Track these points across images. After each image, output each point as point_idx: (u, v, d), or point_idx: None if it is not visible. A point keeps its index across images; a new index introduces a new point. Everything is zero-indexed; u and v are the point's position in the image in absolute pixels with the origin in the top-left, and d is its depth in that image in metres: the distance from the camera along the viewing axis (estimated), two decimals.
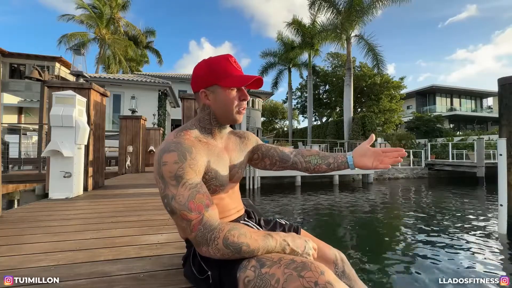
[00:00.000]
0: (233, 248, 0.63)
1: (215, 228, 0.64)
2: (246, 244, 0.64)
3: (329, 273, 0.57)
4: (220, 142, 0.84)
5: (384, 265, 3.06)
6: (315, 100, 23.22)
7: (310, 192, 8.21)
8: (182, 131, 0.76)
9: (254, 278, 0.62)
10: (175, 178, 0.66)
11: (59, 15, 17.13)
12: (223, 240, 0.63)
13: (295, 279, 0.56)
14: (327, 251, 0.86)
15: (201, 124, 0.80)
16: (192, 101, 3.41)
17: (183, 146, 0.69)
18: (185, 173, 0.66)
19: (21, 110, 12.60)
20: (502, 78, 3.77)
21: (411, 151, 13.46)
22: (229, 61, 0.75)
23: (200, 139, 0.77)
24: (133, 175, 5.13)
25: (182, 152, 0.68)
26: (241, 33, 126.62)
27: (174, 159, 0.67)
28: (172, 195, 0.65)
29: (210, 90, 0.76)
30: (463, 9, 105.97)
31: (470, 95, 27.84)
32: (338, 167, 0.90)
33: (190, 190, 0.66)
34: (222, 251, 0.63)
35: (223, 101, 0.75)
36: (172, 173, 0.66)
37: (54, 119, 2.54)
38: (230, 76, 0.73)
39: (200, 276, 0.74)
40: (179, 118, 6.49)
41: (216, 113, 0.78)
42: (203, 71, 0.76)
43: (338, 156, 0.90)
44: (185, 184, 0.66)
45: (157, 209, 2.10)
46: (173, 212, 0.66)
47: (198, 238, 0.64)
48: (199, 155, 0.71)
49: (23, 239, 1.34)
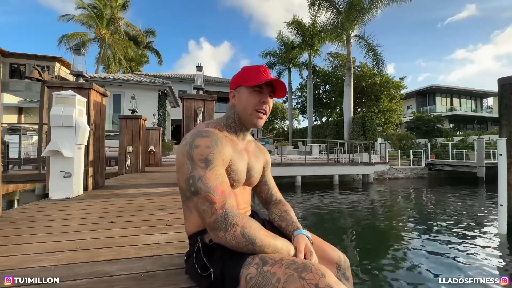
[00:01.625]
0: (249, 238, 0.65)
1: (236, 215, 0.67)
2: (260, 238, 0.66)
3: (330, 276, 0.57)
4: (242, 143, 0.89)
5: (383, 264, 3.06)
6: (315, 100, 23.20)
7: (310, 192, 8.21)
8: (212, 124, 0.83)
9: (256, 275, 0.62)
10: (205, 161, 0.70)
11: (60, 16, 17.15)
12: (242, 229, 0.65)
13: (296, 280, 0.56)
14: (329, 252, 0.86)
15: (228, 122, 0.86)
16: (192, 101, 3.41)
17: (216, 134, 0.76)
18: (214, 159, 0.71)
19: (21, 110, 12.59)
20: (502, 78, 3.77)
21: (411, 151, 13.46)
22: (259, 68, 0.81)
23: (226, 135, 0.83)
24: (133, 175, 5.12)
25: (215, 139, 0.74)
26: (240, 33, 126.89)
27: (207, 143, 0.72)
28: (199, 176, 0.69)
29: (237, 91, 0.83)
30: (462, 9, 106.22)
31: (470, 95, 27.83)
32: (286, 233, 0.88)
33: (216, 175, 0.70)
34: (238, 239, 0.65)
35: (244, 101, 0.81)
36: (203, 156, 0.71)
37: (54, 119, 2.54)
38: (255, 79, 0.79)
39: (202, 273, 0.75)
40: (179, 118, 6.48)
41: (238, 113, 0.84)
42: (236, 75, 0.85)
43: (290, 227, 0.88)
44: (213, 168, 0.70)
45: (157, 209, 2.10)
46: (197, 192, 0.68)
47: (218, 222, 0.66)
48: (226, 148, 0.77)
49: (23, 239, 1.34)
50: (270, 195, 1.02)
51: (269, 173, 1.04)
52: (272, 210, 0.98)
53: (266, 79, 0.78)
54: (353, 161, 11.14)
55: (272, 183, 1.04)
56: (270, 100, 0.83)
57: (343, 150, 11.86)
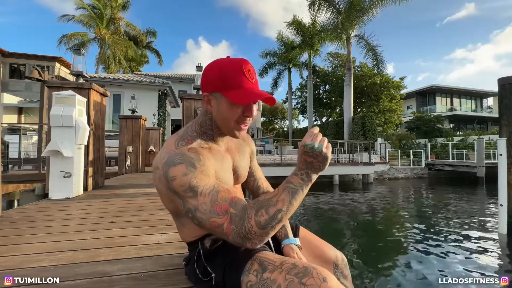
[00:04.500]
0: (271, 225, 0.57)
1: (244, 220, 0.58)
2: (279, 211, 0.57)
3: (332, 280, 0.56)
4: (222, 144, 0.80)
5: (383, 264, 3.06)
6: (315, 100, 23.20)
7: (310, 192, 8.21)
8: (183, 139, 0.72)
9: (256, 283, 0.61)
10: (190, 189, 0.62)
11: (60, 16, 17.15)
12: (257, 226, 0.57)
13: (297, 287, 0.55)
14: (326, 251, 0.86)
15: (202, 129, 0.75)
16: (192, 101, 3.41)
17: (188, 156, 0.65)
18: (198, 181, 0.62)
19: (21, 110, 12.58)
20: (502, 78, 3.76)
21: (411, 151, 13.46)
22: (243, 69, 0.66)
23: (203, 146, 0.73)
24: (133, 175, 5.12)
25: (190, 162, 0.64)
26: (238, 32, 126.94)
27: (183, 171, 0.62)
28: (194, 207, 0.61)
29: (214, 96, 0.70)
30: (461, 8, 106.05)
31: (470, 95, 27.83)
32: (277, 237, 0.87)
33: (210, 194, 0.61)
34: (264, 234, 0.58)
35: (224, 113, 0.69)
36: (185, 186, 0.62)
37: (54, 119, 2.54)
38: (238, 88, 0.66)
39: (204, 278, 0.73)
40: (179, 118, 6.49)
41: (216, 121, 0.73)
42: (212, 74, 0.68)
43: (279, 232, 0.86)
44: (202, 191, 0.61)
45: (157, 209, 2.10)
46: (202, 223, 0.61)
47: (238, 238, 0.58)
48: (207, 160, 0.69)
49: (23, 239, 1.34)
50: (257, 187, 0.94)
51: (254, 163, 0.96)
52: None
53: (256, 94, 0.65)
54: (353, 161, 11.14)
55: (259, 173, 0.96)
56: (254, 109, 0.71)
57: (343, 150, 11.86)
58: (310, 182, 0.61)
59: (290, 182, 0.60)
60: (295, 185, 0.60)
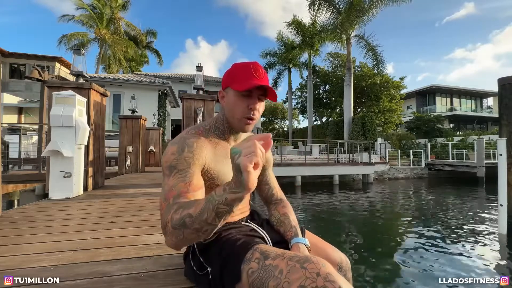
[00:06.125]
0: (179, 225, 0.57)
1: (168, 213, 0.60)
2: (188, 215, 0.56)
3: (330, 266, 0.59)
4: (234, 143, 0.82)
5: (383, 264, 3.06)
6: (315, 100, 23.20)
7: (310, 192, 8.21)
8: (195, 129, 0.78)
9: (258, 269, 0.62)
10: (169, 168, 0.68)
11: (60, 16, 17.16)
12: (171, 223, 0.58)
13: (298, 270, 0.57)
14: (331, 253, 0.86)
15: (216, 124, 0.81)
16: (192, 101, 3.41)
17: (186, 140, 0.71)
18: (178, 164, 0.67)
19: (21, 110, 12.58)
20: (502, 78, 3.77)
21: (411, 151, 13.46)
22: (250, 68, 0.73)
23: (211, 139, 0.77)
24: (133, 175, 5.12)
25: (182, 145, 0.70)
26: (237, 32, 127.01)
27: (173, 150, 0.69)
28: (163, 184, 0.67)
29: (225, 91, 0.78)
30: (460, 8, 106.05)
31: (470, 95, 27.83)
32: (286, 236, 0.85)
33: (177, 179, 0.65)
34: (175, 235, 0.58)
35: (231, 105, 0.75)
36: (168, 163, 0.68)
37: (54, 119, 2.54)
38: (243, 81, 0.72)
39: (200, 272, 0.75)
40: (179, 118, 6.48)
41: (226, 116, 0.78)
42: (226, 73, 0.78)
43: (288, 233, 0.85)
44: (175, 174, 0.66)
45: (157, 209, 2.10)
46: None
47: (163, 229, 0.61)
48: (199, 150, 0.71)
49: (23, 239, 1.34)
50: (271, 195, 0.97)
51: (270, 172, 0.99)
52: (271, 212, 0.94)
53: (255, 84, 0.69)
54: (353, 161, 11.14)
55: (273, 182, 0.99)
56: (259, 104, 0.75)
57: (343, 150, 11.86)
58: (232, 194, 0.54)
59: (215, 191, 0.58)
60: (216, 194, 0.56)
